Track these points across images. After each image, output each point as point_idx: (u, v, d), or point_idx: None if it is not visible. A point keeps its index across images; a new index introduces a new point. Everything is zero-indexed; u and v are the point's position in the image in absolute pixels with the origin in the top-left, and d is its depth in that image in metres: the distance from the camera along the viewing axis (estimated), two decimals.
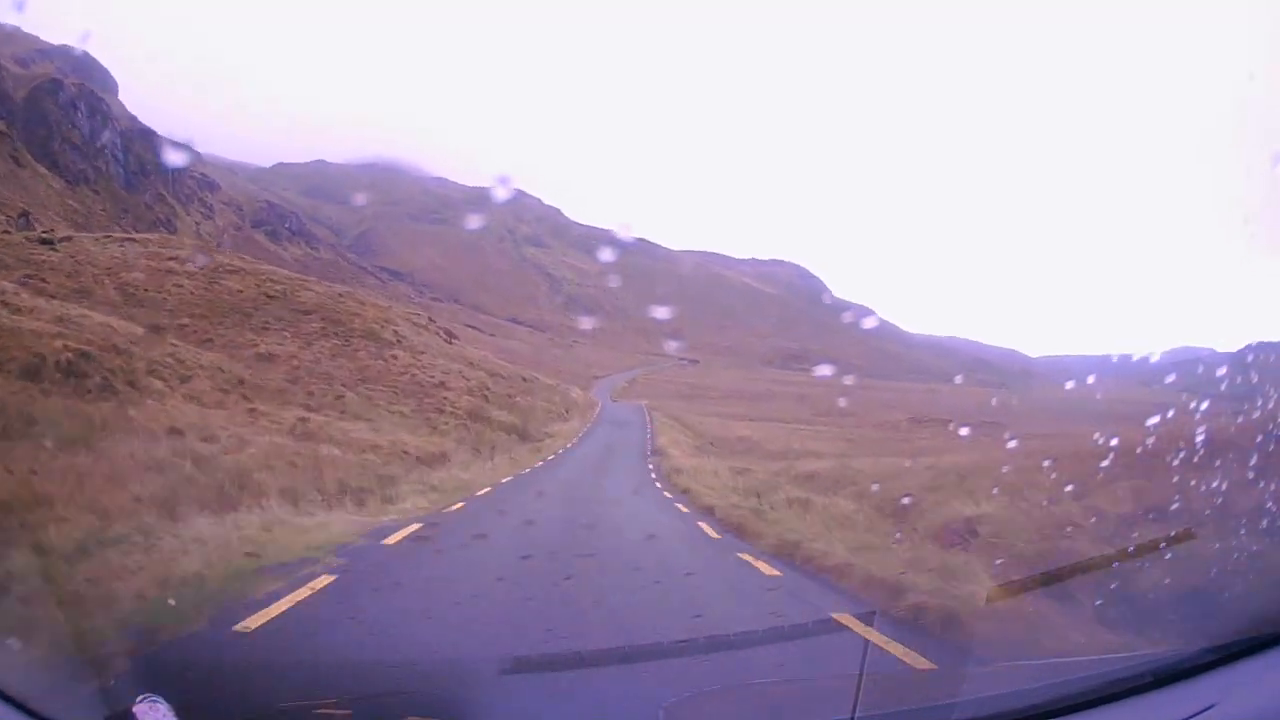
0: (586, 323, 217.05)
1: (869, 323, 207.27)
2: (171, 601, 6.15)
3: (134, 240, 61.13)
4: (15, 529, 7.29)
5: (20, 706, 2.84)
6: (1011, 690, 3.28)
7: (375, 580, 8.17)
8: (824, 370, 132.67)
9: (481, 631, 6.36)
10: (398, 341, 44.07)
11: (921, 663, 5.43)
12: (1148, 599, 6.01)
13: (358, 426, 22.84)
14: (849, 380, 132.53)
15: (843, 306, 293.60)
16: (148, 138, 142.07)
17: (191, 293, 45.92)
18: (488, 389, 43.21)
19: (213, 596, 6.53)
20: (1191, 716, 2.55)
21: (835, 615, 6.61)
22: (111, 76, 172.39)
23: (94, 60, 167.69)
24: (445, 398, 35.61)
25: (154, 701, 2.80)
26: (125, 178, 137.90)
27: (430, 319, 62.47)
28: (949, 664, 5.37)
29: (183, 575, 6.86)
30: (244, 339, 37.09)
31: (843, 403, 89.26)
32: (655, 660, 5.21)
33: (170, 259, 53.58)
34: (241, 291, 46.69)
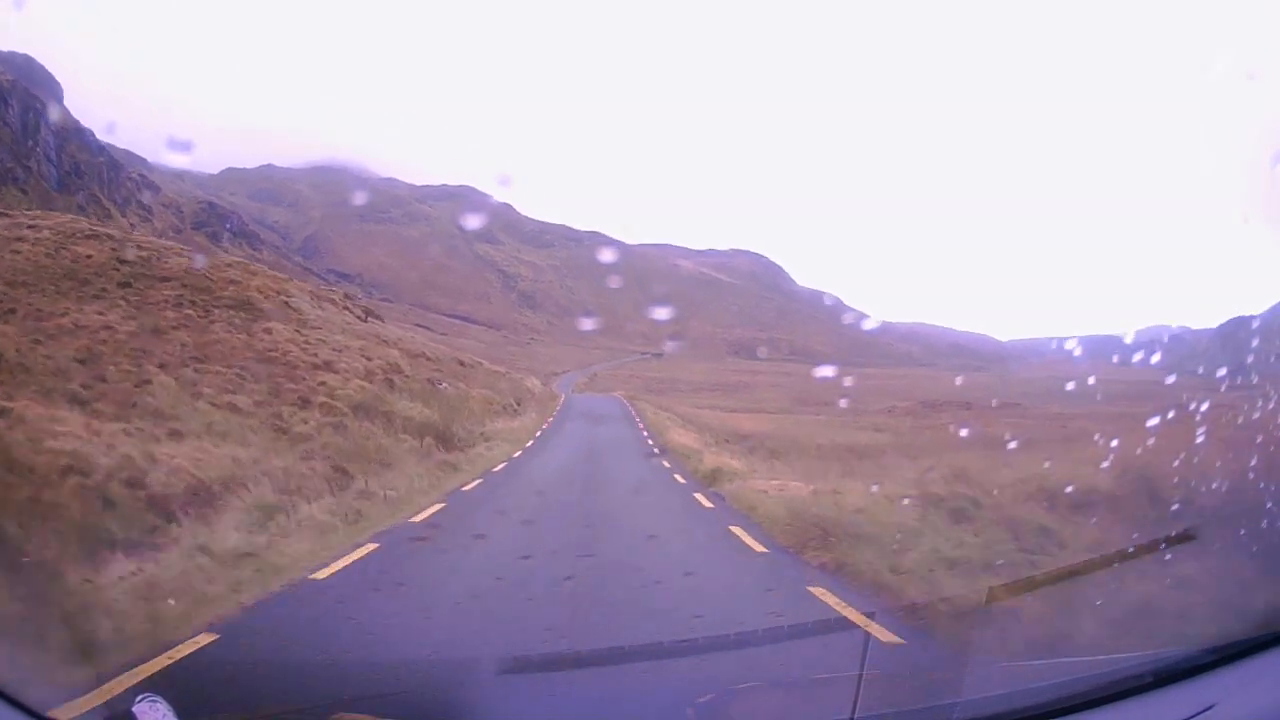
0: (542, 320, 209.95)
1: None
2: None
3: (6, 215, 52.73)
4: None
5: (20, 706, 2.80)
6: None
7: None
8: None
9: None
10: (282, 314, 34.09)
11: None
12: None
13: (112, 428, 12.87)
14: (831, 370, 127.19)
15: (807, 294, 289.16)
16: (81, 136, 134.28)
17: (27, 259, 37.71)
18: (399, 372, 33.07)
19: None
20: (1192, 717, 2.52)
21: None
22: (56, 81, 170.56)
23: (38, 65, 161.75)
24: (323, 383, 25.37)
25: (154, 701, 2.76)
26: (58, 179, 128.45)
27: (346, 295, 52.34)
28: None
29: None
30: (57, 308, 27.58)
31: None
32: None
33: (29, 227, 45.86)
34: (91, 257, 38.25)
